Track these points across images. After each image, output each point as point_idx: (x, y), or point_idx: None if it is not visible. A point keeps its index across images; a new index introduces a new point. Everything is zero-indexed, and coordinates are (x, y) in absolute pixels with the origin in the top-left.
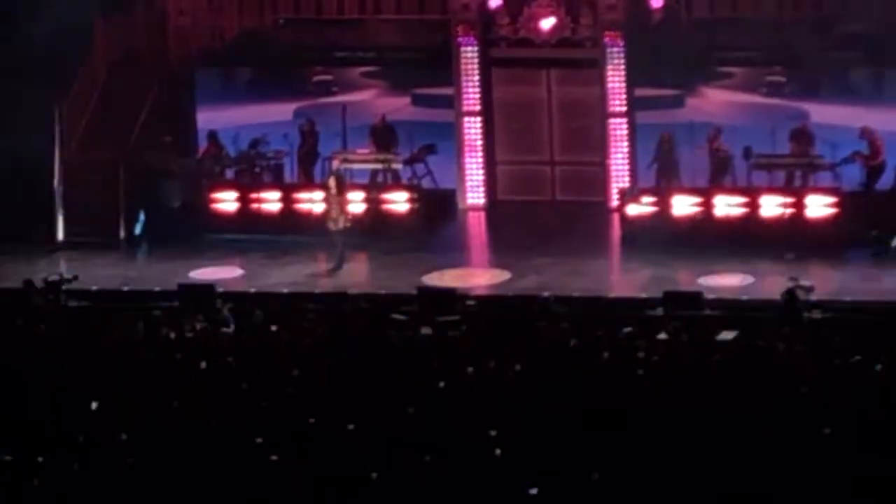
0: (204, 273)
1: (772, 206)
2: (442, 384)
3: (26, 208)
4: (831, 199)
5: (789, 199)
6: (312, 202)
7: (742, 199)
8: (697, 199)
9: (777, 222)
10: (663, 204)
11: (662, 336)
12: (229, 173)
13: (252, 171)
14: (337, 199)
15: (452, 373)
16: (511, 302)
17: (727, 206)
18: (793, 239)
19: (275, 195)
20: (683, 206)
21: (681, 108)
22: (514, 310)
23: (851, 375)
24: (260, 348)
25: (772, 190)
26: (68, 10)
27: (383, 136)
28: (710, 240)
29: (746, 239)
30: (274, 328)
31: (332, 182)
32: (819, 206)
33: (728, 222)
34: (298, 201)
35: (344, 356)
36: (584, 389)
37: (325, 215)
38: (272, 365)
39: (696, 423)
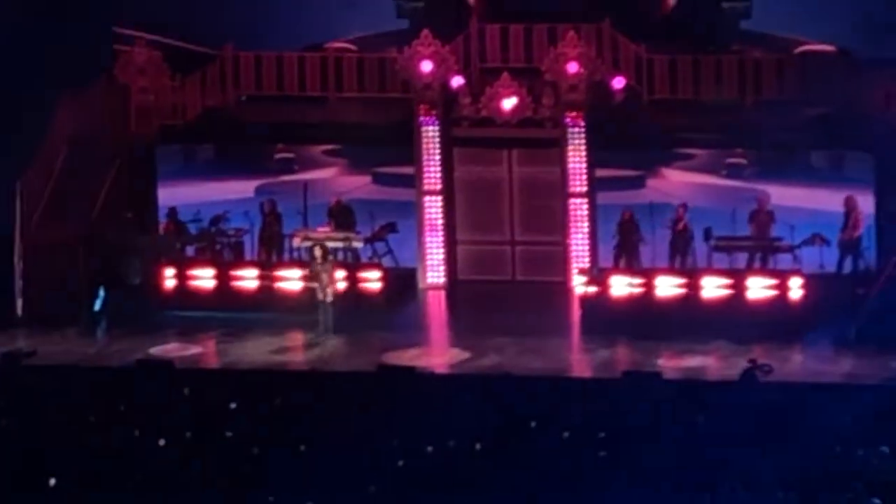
0: (163, 350)
1: (732, 287)
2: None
3: None
4: (801, 281)
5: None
6: (275, 280)
7: (721, 281)
8: (673, 280)
9: (735, 304)
10: (625, 284)
11: None
12: (190, 251)
13: (213, 248)
14: (325, 269)
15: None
16: None
17: (702, 287)
18: (754, 320)
19: (236, 272)
20: (648, 287)
21: (641, 189)
22: None
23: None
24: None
25: (730, 273)
26: (31, 85)
27: (340, 217)
28: (672, 320)
29: (712, 320)
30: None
31: (318, 252)
32: (791, 289)
33: (688, 303)
34: (260, 279)
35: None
36: None
37: (311, 287)
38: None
39: None
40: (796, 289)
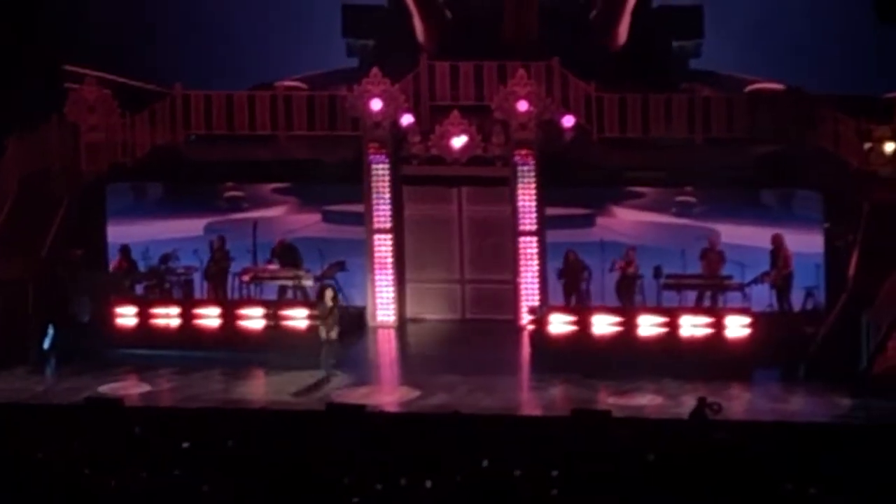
0: (113, 388)
1: (689, 326)
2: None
3: None
4: (748, 320)
5: (707, 319)
6: (236, 318)
7: (662, 319)
8: (615, 319)
9: (694, 343)
10: (574, 323)
11: None
12: (139, 288)
13: (162, 286)
14: (332, 311)
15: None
16: None
17: (647, 326)
18: (700, 359)
19: (190, 310)
20: (586, 325)
21: (591, 228)
22: None
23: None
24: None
25: (688, 310)
26: None
27: (284, 256)
28: (620, 359)
29: (660, 358)
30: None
31: (328, 294)
32: (736, 327)
33: (639, 342)
34: (212, 317)
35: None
36: None
37: (318, 326)
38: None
39: None
40: (743, 327)
